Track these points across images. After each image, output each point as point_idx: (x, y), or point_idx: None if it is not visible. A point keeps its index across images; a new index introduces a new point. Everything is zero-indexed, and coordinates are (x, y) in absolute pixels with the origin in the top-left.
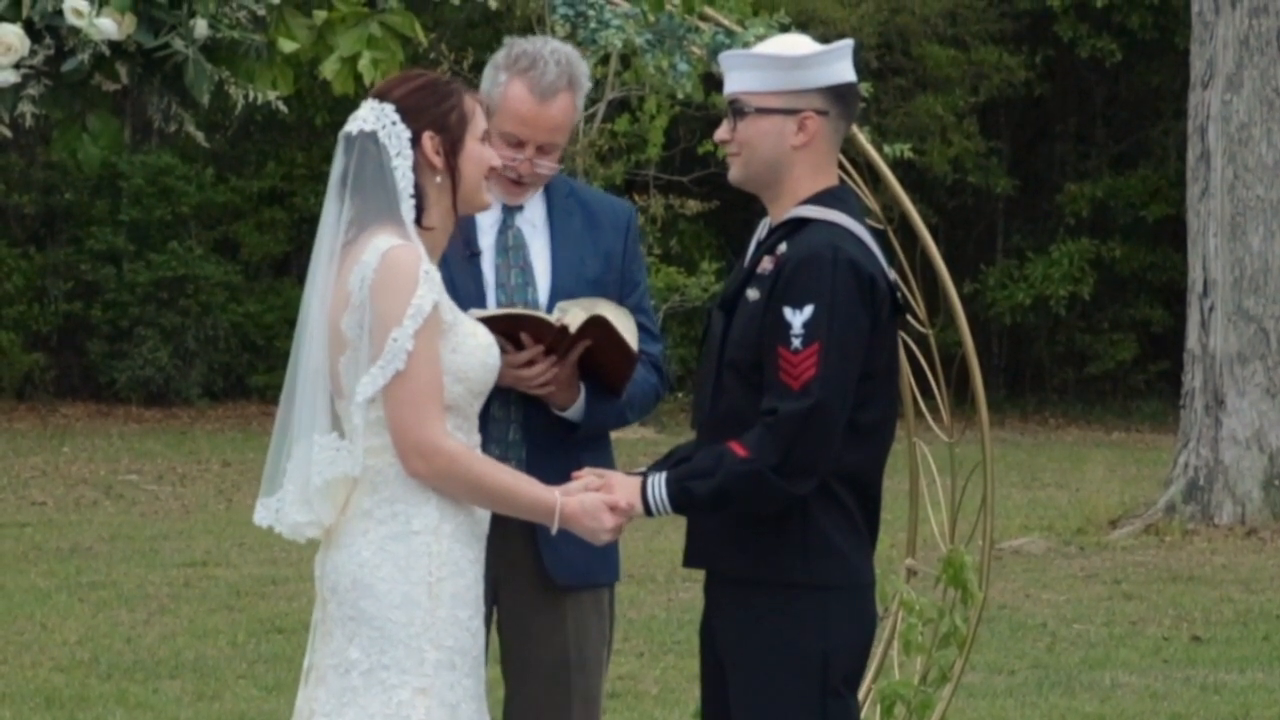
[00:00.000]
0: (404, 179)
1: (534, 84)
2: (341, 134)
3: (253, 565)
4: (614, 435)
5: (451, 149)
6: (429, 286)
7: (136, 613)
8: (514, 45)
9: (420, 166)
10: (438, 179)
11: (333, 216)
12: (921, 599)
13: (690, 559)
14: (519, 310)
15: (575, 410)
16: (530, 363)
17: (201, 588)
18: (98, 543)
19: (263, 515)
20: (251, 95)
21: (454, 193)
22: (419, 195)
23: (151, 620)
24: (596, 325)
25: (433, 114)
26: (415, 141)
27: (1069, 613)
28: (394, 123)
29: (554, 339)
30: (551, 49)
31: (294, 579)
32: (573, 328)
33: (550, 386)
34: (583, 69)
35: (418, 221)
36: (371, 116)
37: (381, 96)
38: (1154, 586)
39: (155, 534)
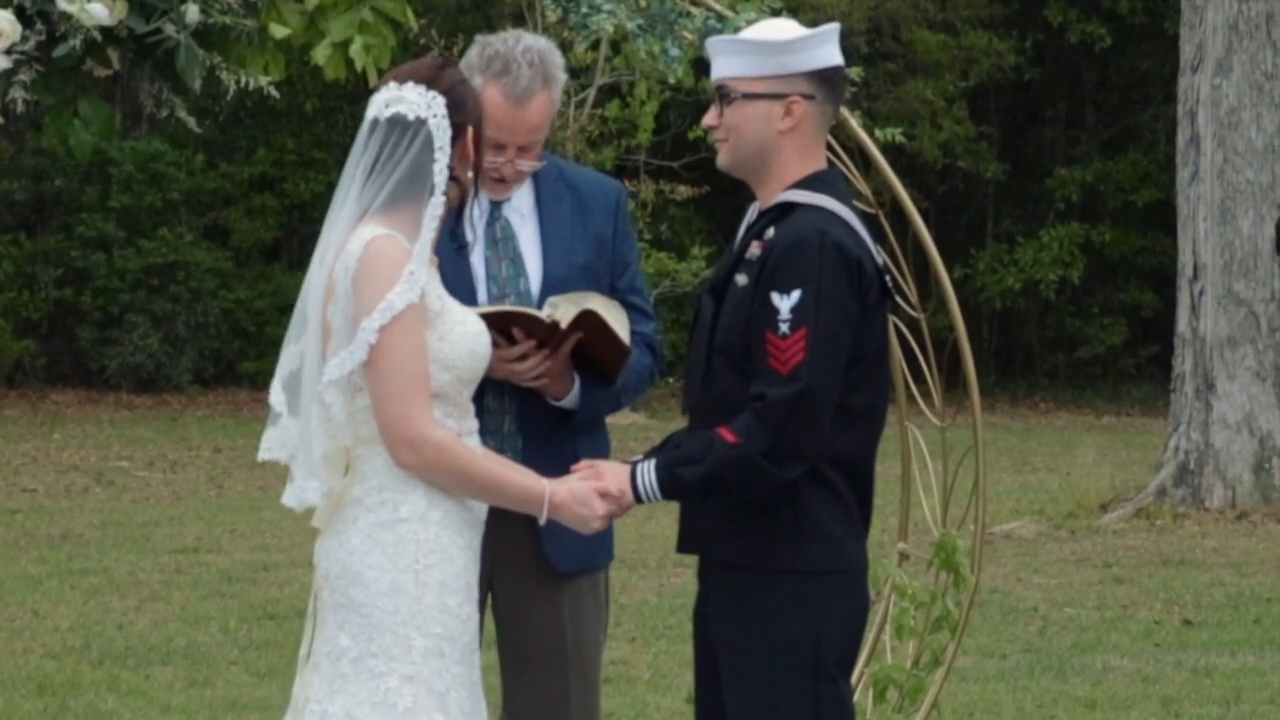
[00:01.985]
0: (440, 175)
1: (508, 90)
2: (384, 116)
3: (244, 551)
4: (606, 421)
5: (479, 143)
6: (408, 286)
7: (128, 599)
8: (486, 46)
9: (453, 160)
10: (469, 173)
11: (353, 203)
12: (914, 583)
13: (684, 545)
14: (510, 308)
15: (570, 399)
16: (523, 357)
17: (193, 574)
18: (89, 529)
19: (288, 497)
20: (243, 81)
21: (476, 183)
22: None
23: (143, 607)
24: (587, 319)
25: (471, 109)
26: (456, 137)
27: (1060, 596)
28: (444, 115)
29: (545, 334)
30: (524, 48)
31: (285, 565)
32: (564, 323)
33: (544, 380)
34: (556, 61)
35: None
36: (422, 103)
37: (428, 83)
38: (1145, 570)
39: (146, 520)
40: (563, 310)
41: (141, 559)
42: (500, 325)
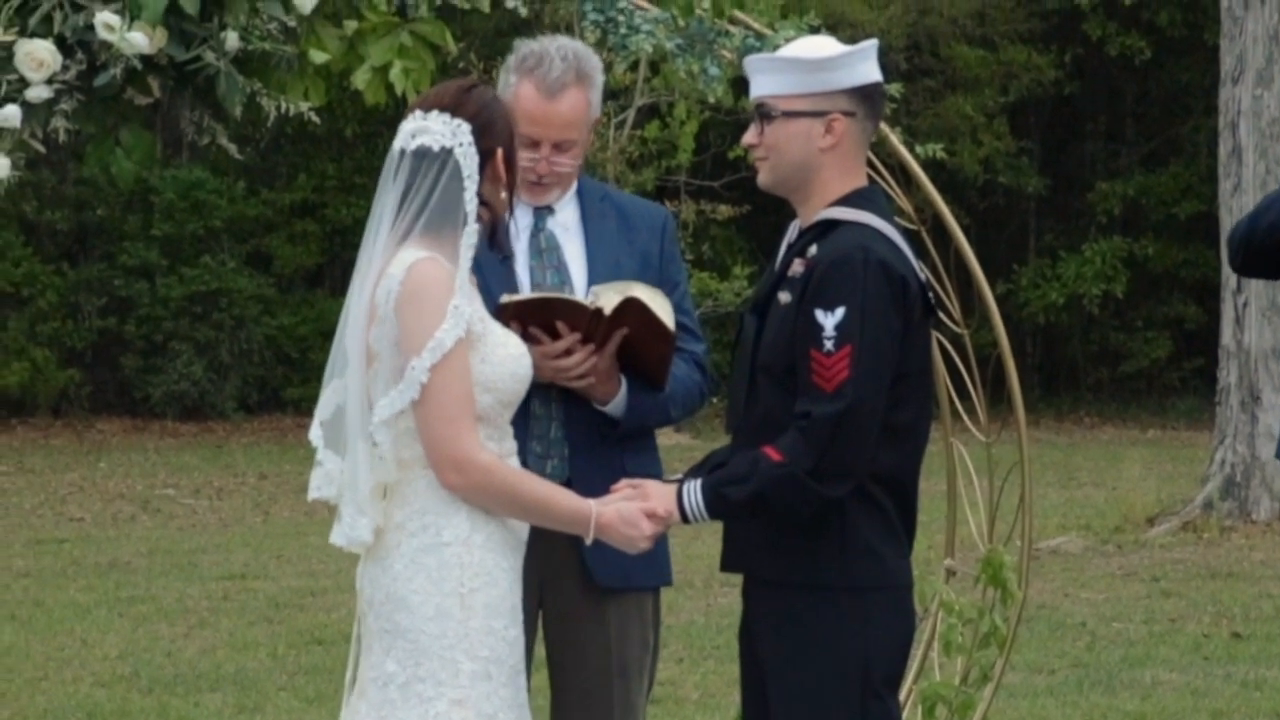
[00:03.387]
0: (471, 203)
1: (540, 82)
2: (410, 148)
3: (291, 577)
4: (657, 441)
5: (510, 161)
6: (454, 322)
7: (176, 626)
8: (521, 46)
9: (483, 185)
10: (501, 194)
11: (385, 235)
12: (961, 599)
13: (728, 564)
14: (551, 294)
15: (617, 404)
16: (568, 352)
17: (240, 600)
18: (136, 557)
19: (337, 535)
20: (283, 107)
21: (510, 202)
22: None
23: (191, 634)
24: (631, 307)
25: (499, 130)
26: (484, 161)
27: (1108, 611)
28: (469, 143)
29: (589, 324)
30: (558, 45)
31: (332, 590)
32: (607, 309)
33: (589, 378)
34: (593, 63)
35: None
36: (447, 132)
37: (453, 111)
38: (1193, 584)
39: (193, 548)
40: (605, 298)
41: (189, 586)
42: (543, 320)
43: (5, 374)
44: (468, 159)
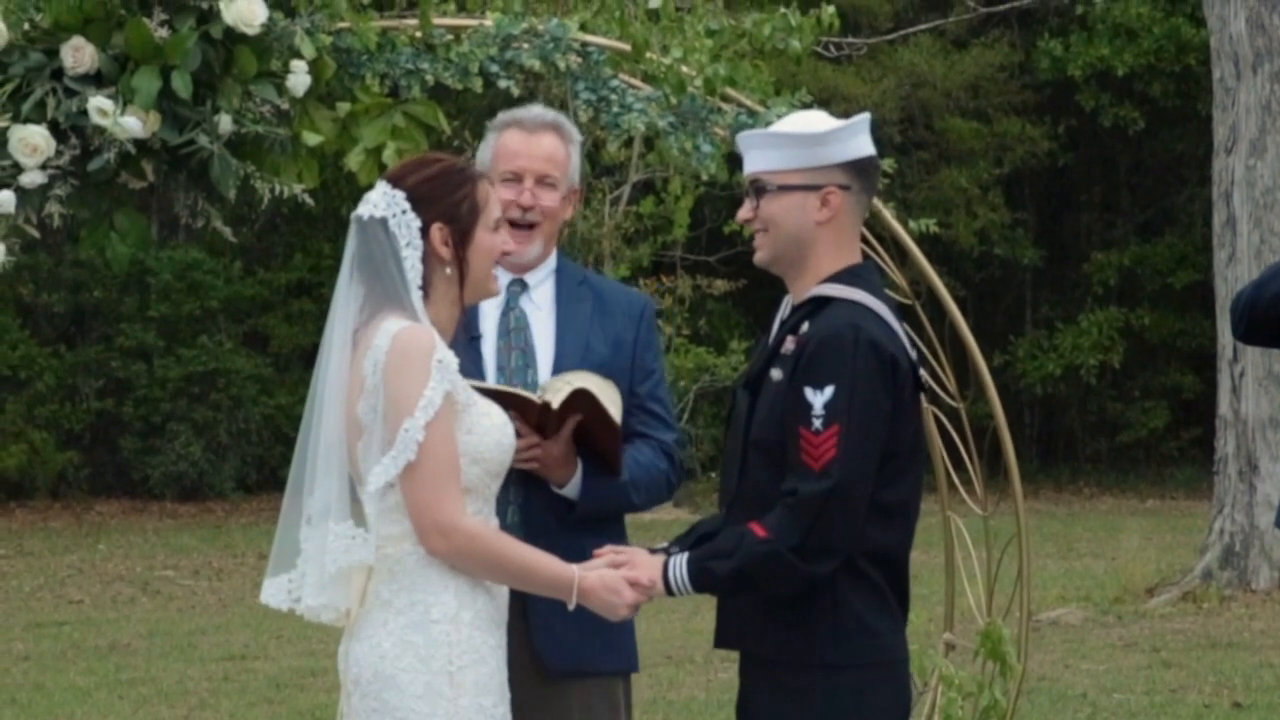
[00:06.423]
0: (412, 270)
1: (519, 123)
2: (353, 216)
3: (291, 657)
4: (649, 516)
5: (460, 240)
6: (440, 377)
7: (177, 708)
8: (499, 114)
9: (428, 257)
10: (446, 270)
11: (343, 299)
12: (960, 673)
13: (721, 639)
14: (502, 388)
15: (572, 487)
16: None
17: (241, 681)
18: (136, 639)
19: (270, 594)
20: (277, 189)
21: (461, 284)
22: (425, 286)
23: (192, 715)
24: (580, 398)
25: (444, 204)
26: (425, 231)
27: (1109, 682)
28: (404, 211)
29: (539, 417)
30: (538, 106)
31: (332, 670)
32: (555, 404)
33: (534, 464)
34: (572, 127)
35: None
36: (383, 202)
37: (395, 182)
38: (1193, 654)
39: (193, 629)
40: (553, 391)
41: (189, 667)
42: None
43: (3, 456)
44: (403, 228)
